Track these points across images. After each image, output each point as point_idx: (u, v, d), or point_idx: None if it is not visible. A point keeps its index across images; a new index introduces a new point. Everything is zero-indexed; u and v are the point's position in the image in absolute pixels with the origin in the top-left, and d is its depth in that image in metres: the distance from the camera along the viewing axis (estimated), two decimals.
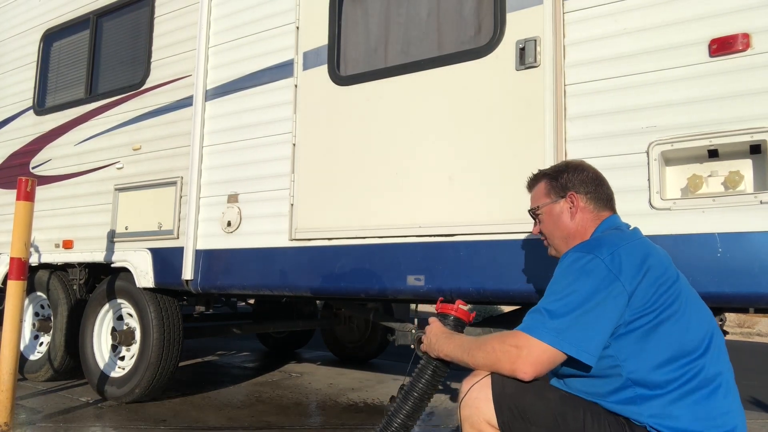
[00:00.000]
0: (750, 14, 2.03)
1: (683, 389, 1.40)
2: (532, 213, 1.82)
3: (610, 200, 1.73)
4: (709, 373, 1.43)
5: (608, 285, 1.41)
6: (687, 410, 1.39)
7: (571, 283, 1.45)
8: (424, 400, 1.77)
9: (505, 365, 1.45)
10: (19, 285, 2.99)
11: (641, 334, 1.42)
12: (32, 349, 4.47)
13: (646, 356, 1.42)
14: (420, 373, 1.78)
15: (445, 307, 1.82)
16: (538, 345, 1.42)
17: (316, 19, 3.11)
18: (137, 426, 3.24)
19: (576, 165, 1.78)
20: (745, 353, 8.20)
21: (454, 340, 1.66)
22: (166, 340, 3.62)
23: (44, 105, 4.54)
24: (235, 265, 3.27)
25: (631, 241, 1.53)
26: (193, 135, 3.50)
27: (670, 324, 1.42)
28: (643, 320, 1.42)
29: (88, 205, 4.03)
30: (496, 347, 1.48)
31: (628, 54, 2.24)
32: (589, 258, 1.46)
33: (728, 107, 2.04)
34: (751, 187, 2.02)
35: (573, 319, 1.40)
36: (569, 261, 1.50)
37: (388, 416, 1.80)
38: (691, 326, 1.45)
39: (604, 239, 1.56)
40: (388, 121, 2.81)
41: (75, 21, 4.37)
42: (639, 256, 1.47)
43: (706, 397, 1.40)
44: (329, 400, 4.01)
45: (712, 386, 1.42)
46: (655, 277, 1.45)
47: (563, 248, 1.69)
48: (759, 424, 3.81)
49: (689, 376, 1.41)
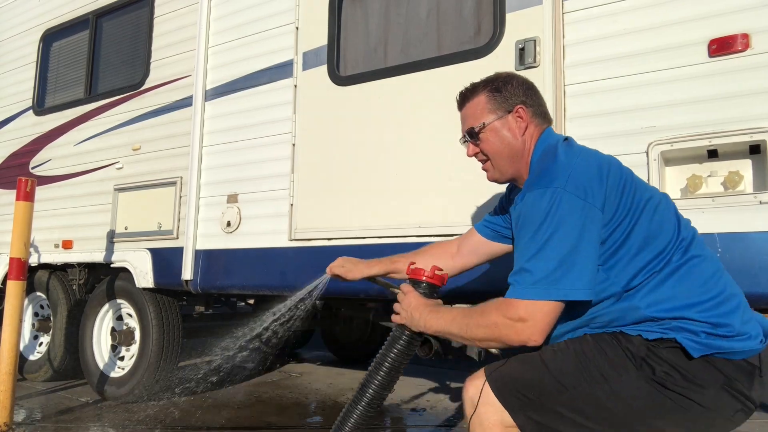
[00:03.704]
0: (750, 14, 2.03)
1: (666, 270, 1.35)
2: (472, 133, 1.60)
3: (547, 111, 1.62)
4: (693, 252, 1.38)
5: (580, 212, 1.31)
6: (676, 287, 1.34)
7: (545, 229, 1.31)
8: (398, 370, 1.65)
9: (513, 339, 1.33)
10: (18, 285, 2.99)
11: (620, 245, 1.35)
12: (32, 349, 4.47)
13: (626, 263, 1.35)
14: (392, 343, 1.65)
15: (416, 272, 1.65)
16: (541, 308, 1.30)
17: (315, 19, 3.10)
18: (137, 426, 3.24)
19: (513, 74, 1.63)
20: None
21: (442, 315, 1.50)
22: (165, 340, 3.62)
23: (44, 105, 4.54)
24: (235, 265, 3.27)
25: (578, 155, 1.44)
26: (193, 135, 3.50)
27: (642, 223, 1.36)
28: (618, 230, 1.35)
29: (88, 205, 4.03)
30: (498, 322, 1.34)
31: (628, 54, 2.24)
32: (550, 193, 1.32)
33: (728, 107, 2.04)
34: (751, 187, 2.02)
35: (563, 265, 1.29)
36: (531, 203, 1.35)
37: (360, 387, 1.67)
38: (666, 225, 1.39)
39: (552, 166, 1.41)
40: (388, 121, 2.81)
41: (74, 21, 4.37)
42: (594, 167, 1.38)
43: (694, 268, 1.36)
44: (329, 400, 4.01)
45: (696, 260, 1.37)
46: (615, 183, 1.37)
47: (509, 169, 1.59)
48: (759, 424, 3.80)
49: (669, 257, 1.36)
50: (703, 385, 1.28)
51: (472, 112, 1.61)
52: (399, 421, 3.61)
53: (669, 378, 1.29)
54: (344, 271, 1.93)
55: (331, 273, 1.95)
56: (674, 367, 1.29)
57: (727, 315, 1.32)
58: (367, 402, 1.64)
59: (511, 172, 1.60)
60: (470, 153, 1.64)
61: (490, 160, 1.61)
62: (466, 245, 1.92)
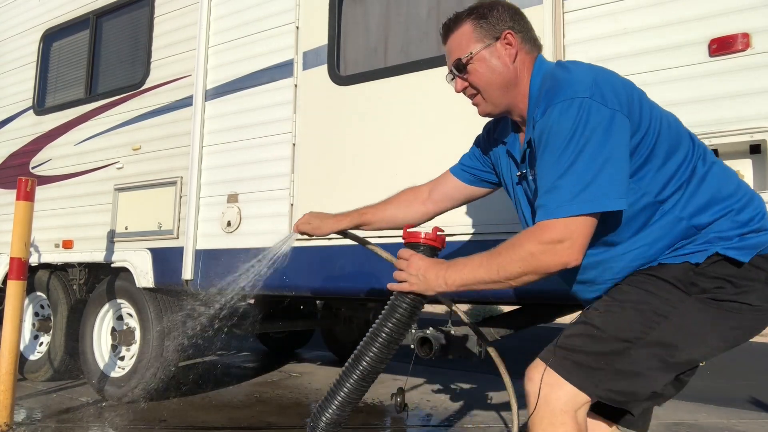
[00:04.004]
0: (750, 14, 2.03)
1: (695, 179, 1.34)
2: (459, 65, 1.48)
3: (536, 37, 1.53)
4: (711, 159, 1.39)
5: (609, 121, 1.24)
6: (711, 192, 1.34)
7: (576, 143, 1.24)
8: (396, 342, 1.54)
9: (553, 264, 1.25)
10: (19, 285, 2.99)
11: (648, 155, 1.32)
12: (32, 349, 4.47)
13: (655, 172, 1.32)
14: (391, 312, 1.52)
15: (413, 235, 1.53)
16: (579, 225, 1.23)
17: (316, 18, 3.10)
18: (137, 426, 3.24)
19: (498, 0, 1.52)
20: (745, 353, 8.19)
21: (464, 265, 1.38)
22: (166, 340, 3.62)
23: (44, 105, 4.54)
24: (235, 265, 3.26)
25: (590, 66, 1.38)
26: (193, 135, 3.50)
27: (664, 133, 1.34)
28: (646, 140, 1.31)
29: (88, 205, 4.03)
30: (534, 251, 1.25)
31: (628, 54, 2.24)
32: (578, 104, 1.25)
33: (728, 107, 2.04)
34: (751, 187, 2.02)
35: (598, 178, 1.22)
36: (557, 118, 1.27)
37: (354, 357, 1.56)
38: (682, 135, 1.39)
39: (569, 77, 1.33)
40: (388, 120, 2.80)
41: (75, 21, 4.37)
42: (613, 76, 1.34)
43: (718, 173, 1.37)
44: None
45: (716, 166, 1.39)
46: (634, 94, 1.35)
47: (502, 100, 1.48)
48: (759, 424, 3.80)
49: (694, 165, 1.35)
50: (750, 287, 1.30)
51: (457, 44, 1.49)
52: (399, 421, 3.61)
53: (721, 291, 1.30)
54: (312, 228, 1.87)
55: (298, 230, 1.89)
56: (722, 279, 1.30)
57: (755, 211, 1.36)
58: (359, 375, 1.53)
59: (505, 103, 1.49)
60: (459, 88, 1.52)
61: (480, 93, 1.49)
62: (439, 190, 1.84)
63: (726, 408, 4.21)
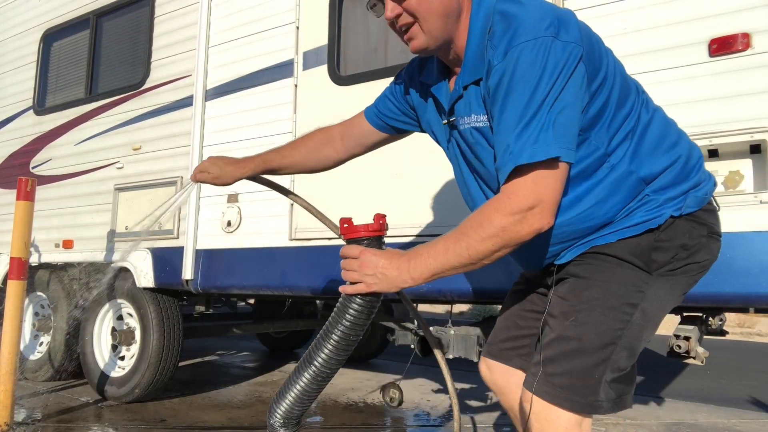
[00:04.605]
0: (750, 14, 2.03)
1: (639, 128, 1.27)
2: None
3: None
4: (651, 105, 1.33)
5: (574, 63, 1.14)
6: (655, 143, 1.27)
7: (541, 90, 1.12)
8: (352, 344, 1.39)
9: (525, 234, 1.15)
10: (19, 285, 2.99)
11: (603, 105, 1.23)
12: (32, 349, 4.47)
13: (608, 122, 1.24)
14: (341, 314, 1.36)
15: (353, 230, 1.39)
16: (549, 184, 1.13)
17: (316, 18, 3.11)
18: (137, 426, 3.24)
19: None
20: (745, 353, 8.20)
21: (428, 253, 1.23)
22: (166, 340, 3.62)
23: (44, 105, 4.54)
24: (236, 265, 3.27)
25: (543, 2, 1.23)
26: (193, 135, 3.50)
27: (618, 80, 1.26)
28: (603, 88, 1.23)
29: (88, 205, 4.03)
30: (505, 224, 1.14)
31: (628, 54, 2.24)
32: (542, 44, 1.13)
33: (728, 107, 2.04)
34: (751, 187, 2.02)
35: (559, 128, 1.12)
36: (521, 60, 1.13)
37: (305, 359, 1.42)
38: (629, 79, 1.32)
39: (525, 14, 1.18)
40: None
41: (75, 21, 4.37)
42: (569, 16, 1.21)
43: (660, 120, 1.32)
44: (329, 400, 4.01)
45: (657, 113, 1.33)
46: (589, 33, 1.25)
47: (442, 33, 1.27)
48: (759, 424, 3.80)
49: (638, 113, 1.28)
50: (698, 245, 1.29)
51: None
52: (399, 421, 3.61)
53: (677, 260, 1.27)
54: (212, 177, 1.73)
55: (196, 180, 1.76)
56: (676, 247, 1.26)
57: (697, 161, 1.32)
58: (311, 376, 1.39)
59: (443, 37, 1.28)
60: (391, 14, 1.30)
61: (418, 21, 1.28)
62: (350, 133, 1.71)
63: (726, 408, 4.21)
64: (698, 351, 2.17)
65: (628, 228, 1.26)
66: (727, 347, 8.24)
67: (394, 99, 1.62)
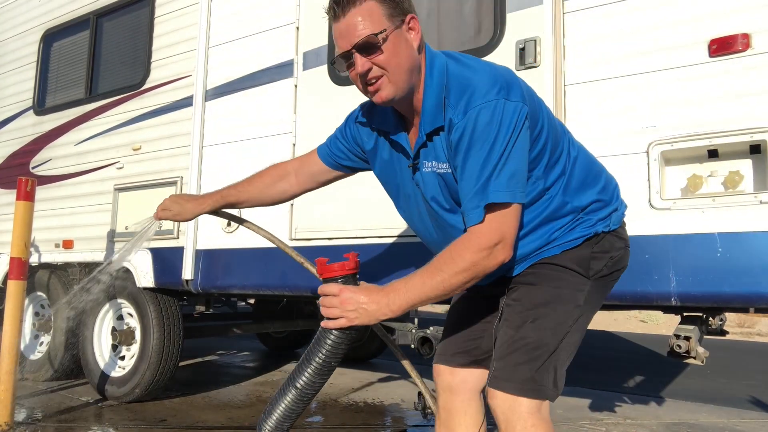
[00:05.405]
0: (750, 14, 2.03)
1: (569, 163, 1.49)
2: (371, 42, 1.35)
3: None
4: (575, 143, 1.56)
5: (523, 120, 1.33)
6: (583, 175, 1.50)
7: (499, 145, 1.31)
8: (333, 367, 1.49)
9: (492, 266, 1.33)
10: (19, 285, 3.00)
11: (542, 149, 1.43)
12: (32, 349, 4.47)
13: (546, 164, 1.45)
14: (320, 342, 1.46)
15: (328, 269, 1.46)
16: (507, 224, 1.33)
17: (316, 18, 3.10)
18: (137, 426, 3.25)
19: None
20: (745, 353, 8.20)
21: (405, 288, 1.37)
22: (166, 340, 3.62)
23: (44, 105, 4.54)
24: (236, 265, 3.27)
25: (488, 64, 1.43)
26: (193, 135, 3.50)
27: (549, 124, 1.45)
28: (543, 134, 1.42)
29: (88, 205, 4.04)
30: (475, 260, 1.32)
31: (628, 54, 2.24)
32: (494, 106, 1.31)
33: (728, 107, 2.04)
34: (751, 187, 2.02)
35: (515, 176, 1.33)
36: (480, 119, 1.32)
37: (288, 380, 1.52)
38: (555, 120, 1.52)
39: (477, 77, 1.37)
40: None
41: (75, 21, 4.37)
42: (512, 76, 1.40)
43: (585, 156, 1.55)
44: (329, 400, 4.01)
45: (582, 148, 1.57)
46: (529, 90, 1.43)
47: (406, 85, 1.40)
48: (759, 423, 3.80)
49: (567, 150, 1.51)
50: (620, 254, 1.54)
51: (364, 20, 1.36)
52: (399, 421, 3.62)
53: (607, 267, 1.51)
54: (173, 214, 1.86)
55: (159, 218, 1.87)
56: (607, 257, 1.50)
57: (614, 190, 1.57)
58: (296, 395, 1.50)
59: (406, 88, 1.41)
60: (362, 69, 1.37)
61: (387, 74, 1.38)
62: (304, 170, 1.84)
63: (726, 408, 4.21)
64: (698, 351, 2.17)
65: (570, 242, 1.48)
66: (727, 347, 8.24)
67: (344, 141, 1.74)
